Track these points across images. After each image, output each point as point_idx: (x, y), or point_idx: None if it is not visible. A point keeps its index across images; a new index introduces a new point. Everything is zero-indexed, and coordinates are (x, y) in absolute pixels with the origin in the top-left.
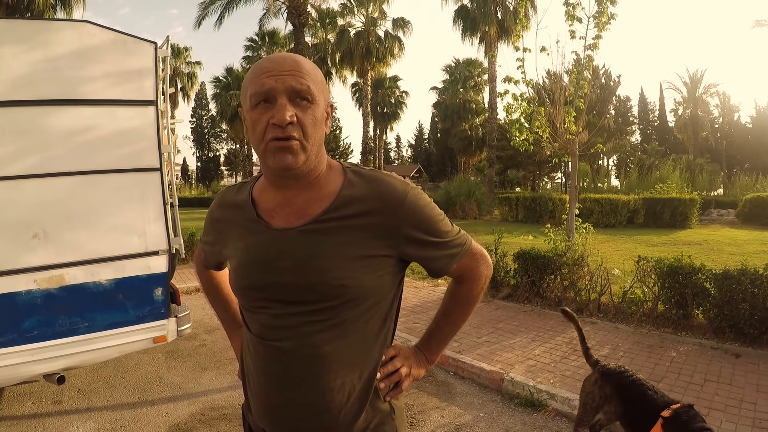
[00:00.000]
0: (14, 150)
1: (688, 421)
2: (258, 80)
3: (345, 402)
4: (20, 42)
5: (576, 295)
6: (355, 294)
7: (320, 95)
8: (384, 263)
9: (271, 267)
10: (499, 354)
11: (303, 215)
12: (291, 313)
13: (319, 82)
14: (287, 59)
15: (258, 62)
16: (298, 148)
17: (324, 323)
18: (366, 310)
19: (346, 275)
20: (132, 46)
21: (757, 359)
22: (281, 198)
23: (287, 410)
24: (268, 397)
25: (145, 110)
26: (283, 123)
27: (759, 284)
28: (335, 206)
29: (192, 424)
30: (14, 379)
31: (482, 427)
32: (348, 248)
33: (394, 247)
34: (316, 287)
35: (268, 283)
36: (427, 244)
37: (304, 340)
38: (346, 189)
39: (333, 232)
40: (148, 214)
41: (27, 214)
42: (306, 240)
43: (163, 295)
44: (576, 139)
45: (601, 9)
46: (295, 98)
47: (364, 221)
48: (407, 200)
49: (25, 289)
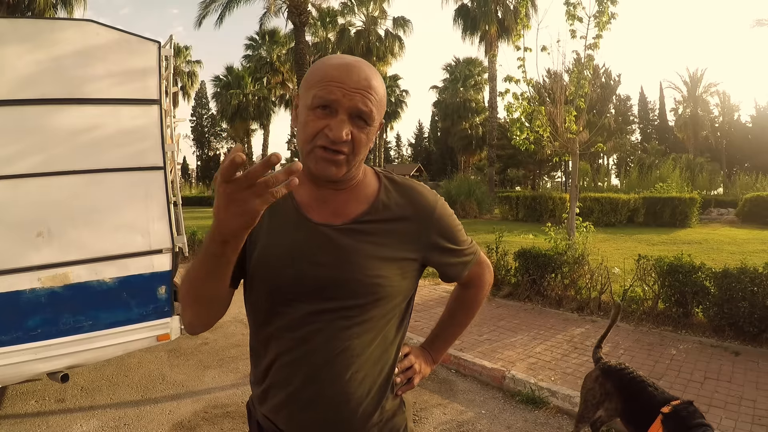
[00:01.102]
0: (19, 149)
1: (688, 417)
2: (327, 86)
3: (365, 395)
4: (24, 41)
5: (576, 293)
6: (385, 293)
7: (379, 116)
8: (410, 266)
9: (310, 260)
10: (501, 352)
11: (341, 214)
12: (323, 308)
13: (382, 103)
14: (361, 74)
15: (330, 62)
16: (344, 162)
17: (354, 319)
18: (391, 308)
19: (380, 274)
20: (136, 45)
21: (756, 357)
22: (319, 195)
23: (311, 402)
24: (294, 390)
25: (149, 109)
26: (339, 140)
27: (758, 283)
28: (373, 209)
29: (195, 421)
30: (18, 377)
31: (484, 424)
32: (383, 249)
33: (420, 251)
34: (352, 284)
35: (305, 276)
36: (447, 251)
37: (334, 335)
38: (382, 195)
39: (371, 233)
40: (152, 213)
41: (31, 212)
42: (346, 238)
43: (167, 293)
44: (576, 138)
45: (602, 9)
46: (356, 117)
47: (398, 226)
48: (437, 210)
49: (29, 288)
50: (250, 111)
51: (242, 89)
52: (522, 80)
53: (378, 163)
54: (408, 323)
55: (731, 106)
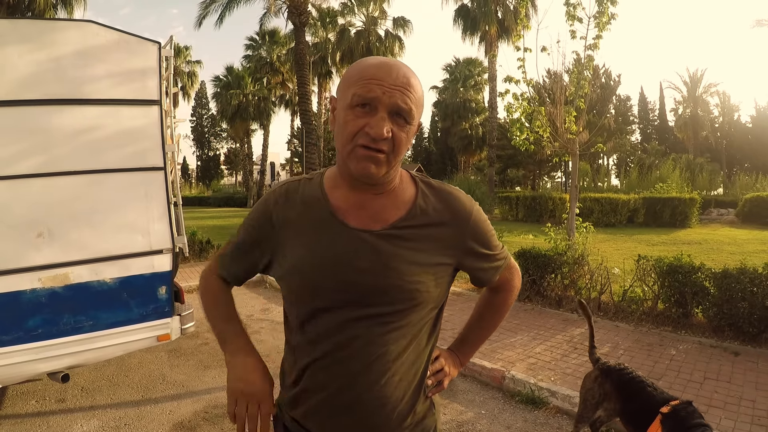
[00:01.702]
0: (19, 149)
1: (687, 417)
2: (366, 84)
3: (400, 399)
4: (25, 42)
5: (576, 293)
6: (423, 298)
7: (418, 115)
8: (445, 271)
9: (349, 266)
10: (500, 352)
11: (379, 220)
12: (362, 315)
13: (421, 102)
14: (400, 72)
15: (368, 61)
16: (384, 161)
17: (391, 325)
18: (426, 313)
19: (419, 280)
20: (136, 45)
21: (756, 357)
22: (357, 199)
23: (347, 408)
24: (329, 395)
25: (149, 110)
26: (379, 137)
27: (758, 283)
28: (411, 215)
29: (196, 421)
30: (19, 378)
31: (483, 424)
32: (421, 255)
33: (455, 257)
34: (392, 290)
35: (344, 282)
36: (482, 256)
37: (372, 340)
38: (420, 200)
39: (409, 238)
40: (152, 213)
41: (32, 212)
42: (385, 244)
43: (167, 293)
44: (576, 138)
45: (602, 9)
46: (395, 115)
47: (436, 231)
48: (473, 216)
49: (29, 288)
50: (250, 111)
51: (242, 89)
52: (522, 81)
53: None
54: (440, 327)
55: (731, 107)
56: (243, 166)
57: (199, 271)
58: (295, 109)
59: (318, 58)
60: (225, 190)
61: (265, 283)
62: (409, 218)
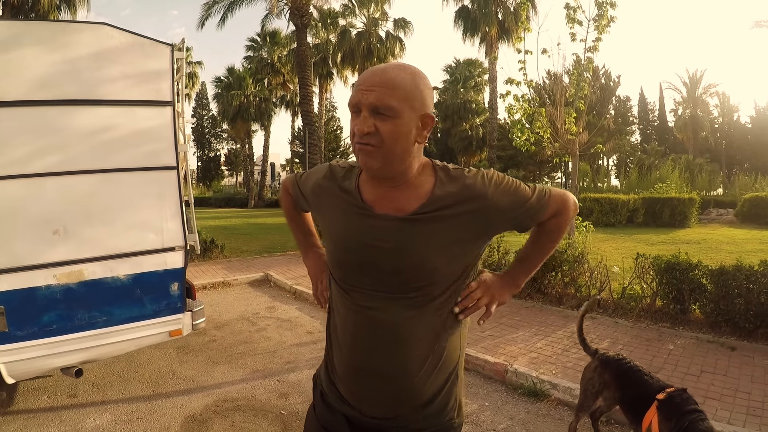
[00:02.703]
0: (36, 148)
1: (681, 403)
2: (354, 92)
3: (420, 368)
4: (40, 43)
5: (576, 291)
6: (441, 277)
7: (408, 109)
8: (473, 247)
9: (374, 247)
10: (503, 347)
11: (402, 209)
12: (385, 290)
13: (411, 95)
14: (377, 74)
15: (365, 72)
16: (375, 153)
17: (412, 300)
18: (445, 290)
19: (438, 260)
20: (149, 48)
21: (752, 352)
22: (382, 192)
23: (372, 372)
24: (357, 360)
25: (163, 111)
26: (362, 133)
27: (754, 280)
28: (430, 202)
29: (207, 415)
30: (34, 373)
31: (488, 415)
32: (442, 239)
33: (485, 229)
34: (412, 269)
35: (369, 261)
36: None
37: (394, 314)
38: (438, 189)
39: (428, 222)
40: (165, 212)
41: (48, 210)
42: (406, 228)
43: (179, 289)
44: (576, 139)
45: (601, 12)
46: (376, 113)
47: (456, 213)
48: (490, 187)
49: (44, 284)
50: (251, 112)
51: (243, 90)
52: (523, 83)
53: None
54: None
55: (731, 107)
56: (244, 166)
57: (204, 270)
58: (296, 109)
59: (319, 59)
60: (226, 190)
61: (270, 282)
62: (428, 205)
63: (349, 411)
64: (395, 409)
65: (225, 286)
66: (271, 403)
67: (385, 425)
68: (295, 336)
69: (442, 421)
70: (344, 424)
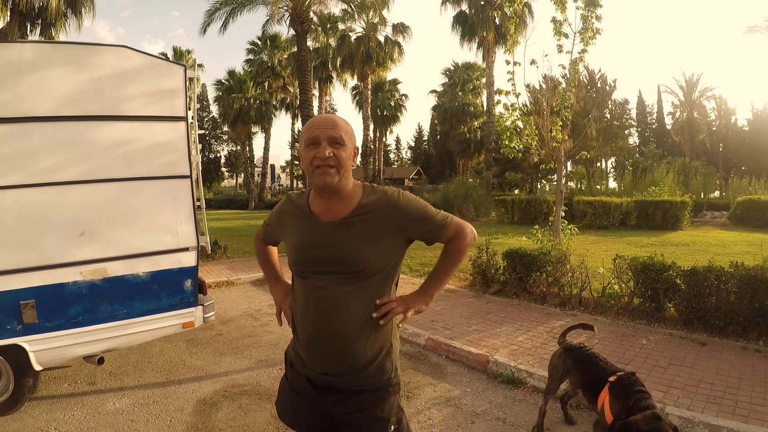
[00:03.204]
0: (65, 159)
1: (630, 385)
2: (310, 131)
3: (357, 333)
4: (66, 64)
5: (560, 290)
6: (372, 265)
7: (349, 141)
8: (389, 243)
9: (321, 245)
10: (487, 340)
11: (339, 215)
12: (330, 277)
13: (349, 134)
14: (327, 120)
15: (309, 120)
16: (335, 172)
17: (349, 279)
18: (378, 275)
19: (367, 252)
20: (165, 68)
21: (721, 347)
22: (325, 204)
23: (322, 335)
24: (310, 328)
25: (177, 125)
26: (323, 157)
27: (724, 280)
28: (358, 209)
29: (216, 398)
30: (60, 360)
31: (468, 399)
32: (367, 235)
33: (397, 230)
34: (348, 260)
35: (318, 256)
36: (421, 223)
37: (337, 292)
38: (363, 199)
39: (357, 224)
40: (180, 216)
41: (75, 215)
42: (342, 229)
43: (192, 285)
44: (561, 146)
45: (586, 25)
46: (332, 142)
47: (376, 215)
48: (401, 200)
49: (72, 281)
50: (252, 115)
51: (244, 93)
52: (512, 93)
53: (378, 165)
54: (396, 284)
55: (728, 111)
56: (244, 168)
57: (208, 270)
58: (296, 112)
59: (319, 63)
60: (226, 192)
61: None
62: (356, 211)
63: (307, 372)
64: (341, 366)
65: (229, 285)
66: (274, 388)
67: (335, 382)
68: None
69: (382, 380)
70: (306, 383)
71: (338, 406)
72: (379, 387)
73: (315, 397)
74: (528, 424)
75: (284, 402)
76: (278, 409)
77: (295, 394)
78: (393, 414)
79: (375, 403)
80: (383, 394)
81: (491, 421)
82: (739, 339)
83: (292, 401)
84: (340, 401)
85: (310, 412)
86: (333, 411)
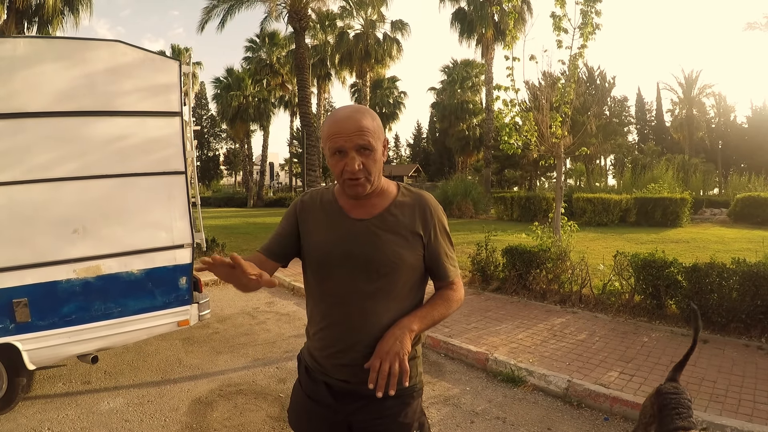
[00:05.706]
0: (58, 155)
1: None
2: (334, 140)
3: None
4: (60, 59)
5: (560, 287)
6: (403, 266)
7: (378, 142)
8: (419, 242)
9: (351, 242)
10: (486, 338)
11: (371, 212)
12: (356, 278)
13: (377, 132)
14: (352, 122)
15: (331, 120)
16: (365, 182)
17: (378, 286)
18: (408, 278)
19: (399, 251)
20: (159, 63)
21: (723, 345)
22: (355, 201)
23: (349, 342)
24: (336, 334)
25: (172, 120)
26: (353, 171)
27: (726, 277)
28: (393, 205)
29: (212, 398)
30: (54, 359)
31: (468, 398)
32: (400, 233)
33: (425, 231)
34: (378, 258)
35: (345, 251)
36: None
37: (363, 295)
38: (399, 197)
39: (390, 222)
40: (175, 212)
41: (68, 211)
42: (374, 227)
43: (187, 283)
44: (561, 142)
45: (586, 21)
46: (361, 150)
47: (409, 212)
48: (435, 204)
49: (65, 278)
50: (250, 113)
51: (242, 91)
52: (510, 89)
53: None
54: (425, 287)
55: (727, 107)
56: (243, 166)
57: None
58: (295, 110)
59: (317, 61)
60: (225, 190)
61: None
62: (389, 209)
63: (328, 379)
64: (367, 374)
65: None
66: (270, 387)
67: (359, 389)
68: (293, 328)
69: (407, 385)
70: (325, 392)
71: (360, 413)
72: (403, 392)
73: (335, 404)
74: (528, 423)
75: (298, 410)
76: (290, 416)
77: (312, 402)
78: (416, 419)
79: (398, 409)
80: (407, 399)
81: (491, 420)
82: (742, 336)
83: (305, 409)
84: (363, 408)
85: (325, 421)
86: (353, 419)
